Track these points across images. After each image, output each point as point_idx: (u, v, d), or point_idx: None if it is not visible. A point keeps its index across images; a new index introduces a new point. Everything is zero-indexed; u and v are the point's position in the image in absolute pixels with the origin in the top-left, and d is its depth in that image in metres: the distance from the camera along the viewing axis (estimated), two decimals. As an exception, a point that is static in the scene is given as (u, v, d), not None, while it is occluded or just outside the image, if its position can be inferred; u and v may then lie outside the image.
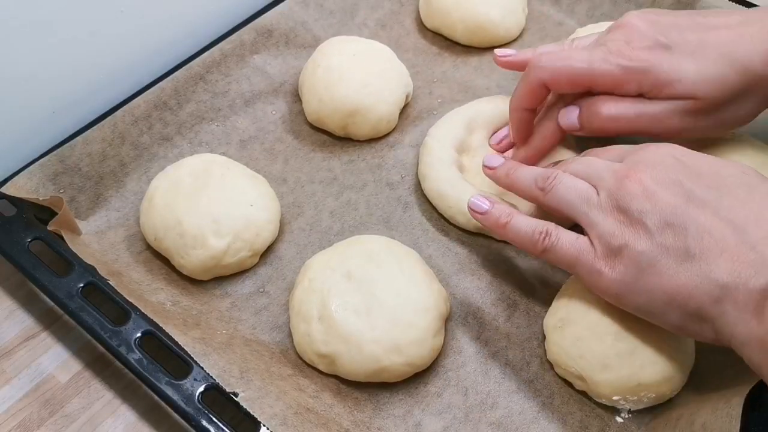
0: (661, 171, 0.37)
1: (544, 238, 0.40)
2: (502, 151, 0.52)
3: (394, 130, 0.57)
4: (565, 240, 0.40)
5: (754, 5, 0.60)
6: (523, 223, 0.42)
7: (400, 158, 0.55)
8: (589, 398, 0.43)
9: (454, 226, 0.51)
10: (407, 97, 0.57)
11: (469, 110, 0.54)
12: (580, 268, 0.39)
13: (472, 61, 0.62)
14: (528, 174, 0.43)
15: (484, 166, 0.47)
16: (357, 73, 0.55)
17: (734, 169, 0.38)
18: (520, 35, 0.64)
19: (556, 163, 0.46)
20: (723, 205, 0.35)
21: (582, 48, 0.47)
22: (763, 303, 0.33)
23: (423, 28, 0.65)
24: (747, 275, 0.33)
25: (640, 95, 0.44)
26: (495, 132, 0.54)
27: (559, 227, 0.41)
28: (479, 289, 0.48)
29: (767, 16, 0.43)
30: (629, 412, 0.42)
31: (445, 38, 0.64)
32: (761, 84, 0.42)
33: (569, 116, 0.47)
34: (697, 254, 0.35)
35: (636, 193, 0.37)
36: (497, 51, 0.52)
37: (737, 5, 0.60)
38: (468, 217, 0.49)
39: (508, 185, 0.45)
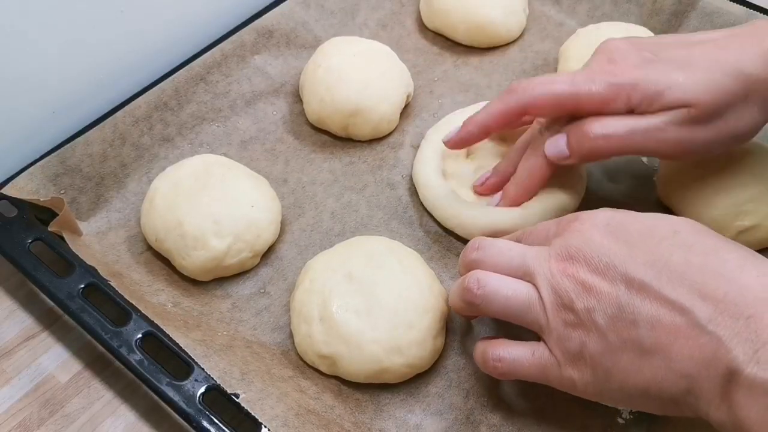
0: (592, 256, 0.35)
1: (498, 365, 0.38)
2: (485, 194, 0.50)
3: (395, 130, 0.57)
4: (524, 359, 0.38)
5: (756, 5, 0.60)
6: (478, 349, 0.40)
7: (401, 159, 0.55)
8: (590, 400, 0.42)
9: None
10: (408, 97, 0.57)
11: (466, 115, 0.54)
12: (552, 382, 0.38)
13: (473, 61, 0.62)
14: (454, 294, 0.40)
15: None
16: (358, 73, 0.55)
17: (665, 228, 0.35)
18: (521, 35, 0.64)
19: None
20: (662, 283, 0.33)
21: (563, 74, 0.45)
22: (727, 388, 0.31)
23: (424, 29, 0.65)
24: (706, 360, 0.31)
25: (630, 112, 0.41)
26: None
27: (509, 344, 0.39)
28: (480, 289, 0.48)
29: (755, 29, 0.41)
30: (630, 412, 0.42)
31: (446, 38, 0.64)
32: (758, 88, 0.40)
33: (557, 144, 0.44)
34: (653, 347, 0.33)
35: (577, 290, 0.35)
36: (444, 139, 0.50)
37: (738, 5, 0.60)
38: (468, 231, 0.49)
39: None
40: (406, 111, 0.58)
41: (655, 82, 0.40)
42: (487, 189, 0.50)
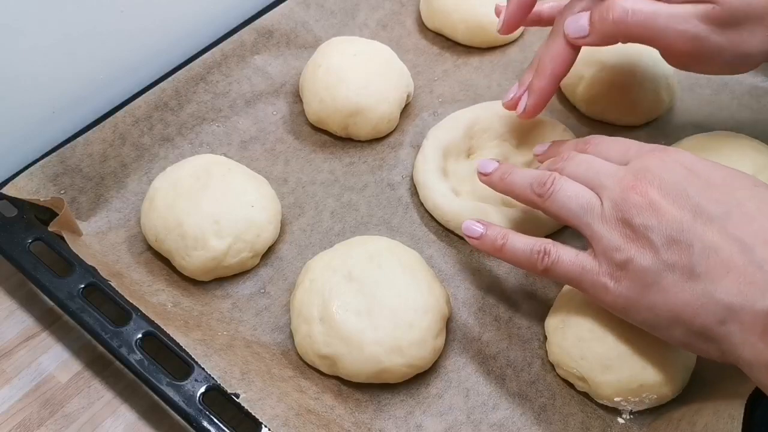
0: (668, 182, 0.36)
1: (543, 257, 0.40)
2: (514, 108, 0.50)
3: (395, 130, 0.57)
4: (566, 258, 0.39)
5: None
6: (520, 243, 0.41)
7: (401, 159, 0.55)
8: (591, 399, 0.43)
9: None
10: (408, 97, 0.57)
11: (469, 114, 0.54)
12: (585, 284, 0.39)
13: (473, 61, 0.62)
14: (524, 178, 0.42)
15: (479, 173, 0.46)
16: (358, 73, 0.55)
17: (746, 180, 0.36)
18: (521, 35, 0.64)
19: (553, 145, 0.46)
20: (731, 221, 0.34)
21: None
22: None
23: (424, 29, 0.65)
24: (754, 296, 0.32)
25: None
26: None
27: (557, 244, 0.40)
28: (480, 289, 0.48)
29: None
30: (631, 413, 0.42)
31: (446, 38, 0.64)
32: None
33: (578, 21, 0.44)
34: (703, 273, 0.34)
35: (641, 206, 0.36)
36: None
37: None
38: None
39: (504, 190, 0.44)
40: (406, 111, 0.58)
41: None
42: (514, 103, 0.50)
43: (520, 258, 0.41)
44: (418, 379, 0.43)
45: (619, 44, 0.46)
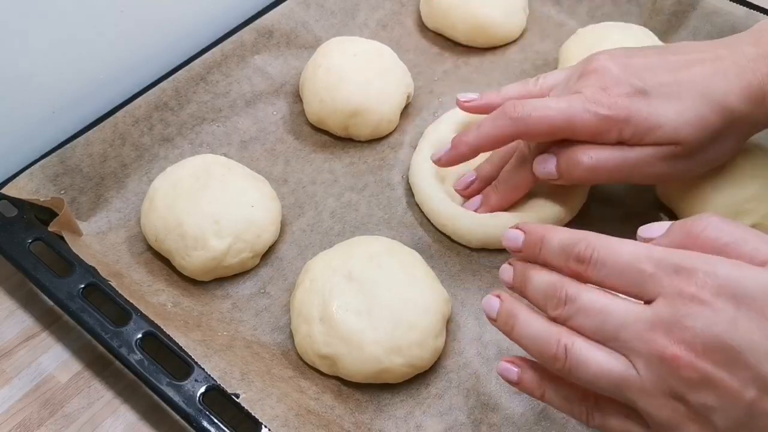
0: (716, 342, 0.28)
1: (587, 416, 0.33)
2: (468, 197, 0.50)
3: (395, 130, 0.57)
4: (615, 426, 0.32)
5: (756, 5, 0.60)
6: (559, 394, 0.34)
7: (401, 159, 0.55)
8: (591, 399, 0.42)
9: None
10: (408, 97, 0.57)
11: (463, 114, 0.54)
12: None
13: (473, 61, 0.62)
14: (530, 339, 0.33)
15: (487, 317, 0.36)
16: (358, 73, 0.55)
17: None
18: (521, 35, 0.64)
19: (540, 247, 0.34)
20: None
21: (557, 97, 0.44)
22: None
23: (424, 29, 0.65)
24: None
25: (620, 143, 0.42)
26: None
27: (601, 401, 0.33)
28: (480, 289, 0.48)
29: (736, 49, 0.42)
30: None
31: (446, 38, 0.64)
32: (739, 122, 0.42)
33: (547, 165, 0.45)
34: None
35: (693, 382, 0.28)
36: (459, 96, 0.49)
37: (739, 5, 0.60)
38: (466, 239, 0.49)
39: (516, 343, 0.35)
40: (406, 111, 0.58)
41: (646, 118, 0.41)
42: (470, 193, 0.50)
43: (559, 408, 0.35)
44: (418, 380, 0.43)
45: (620, 45, 0.46)
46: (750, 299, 0.28)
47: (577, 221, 0.50)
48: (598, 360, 0.31)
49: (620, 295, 0.31)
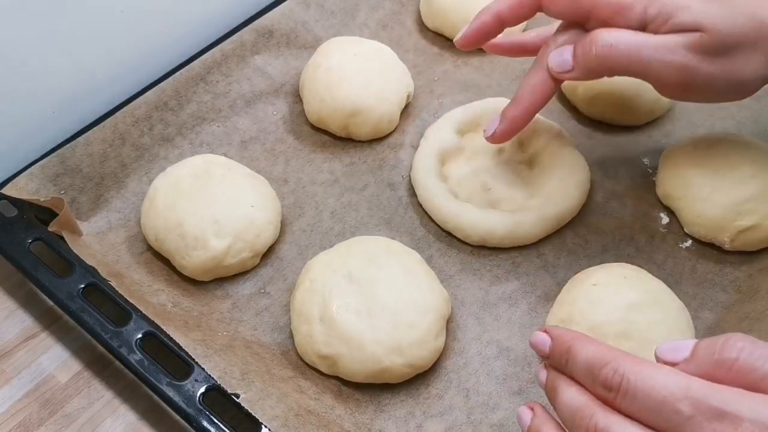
0: None
1: None
2: (496, 142, 0.48)
3: (395, 130, 0.57)
4: None
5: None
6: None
7: (401, 159, 0.55)
8: (591, 399, 0.42)
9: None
10: (408, 96, 0.57)
11: (462, 113, 0.54)
12: None
13: (473, 61, 0.62)
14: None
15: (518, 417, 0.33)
16: (358, 73, 0.55)
17: None
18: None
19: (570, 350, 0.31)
20: None
21: None
22: None
23: (424, 29, 0.65)
24: None
25: (641, 29, 0.40)
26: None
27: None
28: (480, 289, 0.48)
29: None
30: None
31: (446, 38, 0.64)
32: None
33: (562, 54, 0.42)
34: None
35: None
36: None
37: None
38: (466, 233, 0.49)
39: None
40: (406, 111, 0.58)
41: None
42: (496, 137, 0.48)
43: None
44: (418, 379, 0.43)
45: None
46: None
47: (577, 221, 0.50)
48: None
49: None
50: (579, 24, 0.43)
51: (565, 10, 0.43)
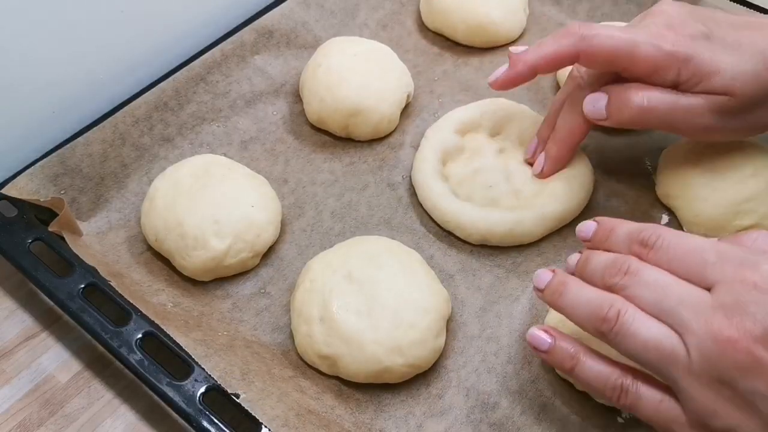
0: None
1: (619, 395, 0.33)
2: (544, 178, 0.50)
3: (395, 130, 0.57)
4: (649, 404, 0.32)
5: (756, 5, 0.60)
6: (594, 369, 0.34)
7: (401, 159, 0.55)
8: (591, 398, 0.42)
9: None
10: (408, 96, 0.57)
11: (463, 113, 0.54)
12: None
13: (473, 61, 0.62)
14: (579, 303, 0.34)
15: (534, 288, 0.38)
16: (358, 73, 0.55)
17: None
18: (521, 36, 0.64)
19: (600, 228, 0.37)
20: None
21: (624, 27, 0.44)
22: None
23: (424, 29, 0.65)
24: None
25: (673, 87, 0.42)
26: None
27: (638, 379, 0.33)
28: (480, 289, 0.48)
29: None
30: (630, 412, 0.42)
31: (446, 38, 0.64)
32: None
33: (596, 104, 0.44)
34: None
35: (745, 366, 0.29)
36: (512, 49, 0.47)
37: (739, 5, 0.60)
38: (467, 232, 0.49)
39: (561, 311, 0.36)
40: (406, 111, 0.58)
41: (708, 62, 0.41)
42: (533, 161, 0.51)
43: (593, 386, 0.35)
44: (418, 379, 0.43)
45: None
46: None
47: (578, 220, 0.50)
48: (650, 329, 0.31)
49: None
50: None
51: (600, 65, 0.44)
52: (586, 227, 0.38)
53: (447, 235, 0.50)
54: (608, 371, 0.34)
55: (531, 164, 0.51)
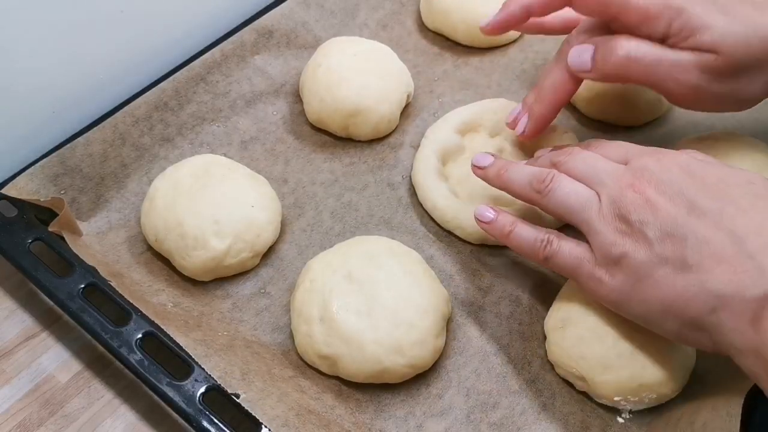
0: (665, 181, 0.37)
1: (545, 246, 0.41)
2: (515, 127, 0.50)
3: (395, 130, 0.57)
4: (566, 249, 0.40)
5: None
6: (525, 232, 0.42)
7: (401, 159, 0.55)
8: (590, 399, 0.43)
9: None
10: (408, 97, 0.57)
11: (463, 113, 0.54)
12: (580, 276, 0.40)
13: (473, 61, 0.62)
14: (522, 174, 0.43)
15: (474, 166, 0.46)
16: (358, 73, 0.55)
17: (741, 177, 0.37)
18: (521, 35, 0.64)
19: (555, 149, 0.45)
20: (724, 214, 0.35)
21: None
22: (759, 313, 0.33)
23: (424, 29, 0.65)
24: (744, 285, 0.33)
25: (662, 41, 0.42)
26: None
27: (561, 235, 0.41)
28: (480, 289, 0.48)
29: None
30: (630, 412, 0.42)
31: (446, 38, 0.64)
32: None
33: (582, 54, 0.44)
34: (695, 265, 0.35)
35: (638, 204, 0.37)
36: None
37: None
38: (467, 231, 0.49)
39: (501, 186, 0.44)
40: (406, 111, 0.58)
41: (700, 17, 0.41)
42: (515, 123, 0.50)
43: (524, 246, 0.42)
44: (418, 379, 0.43)
45: None
46: (692, 168, 0.38)
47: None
48: (574, 187, 0.40)
49: None
50: (604, 21, 0.45)
51: (593, 10, 0.45)
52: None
53: (447, 235, 0.50)
54: (537, 231, 0.42)
55: (510, 128, 0.51)
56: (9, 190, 0.48)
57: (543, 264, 0.42)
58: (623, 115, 0.56)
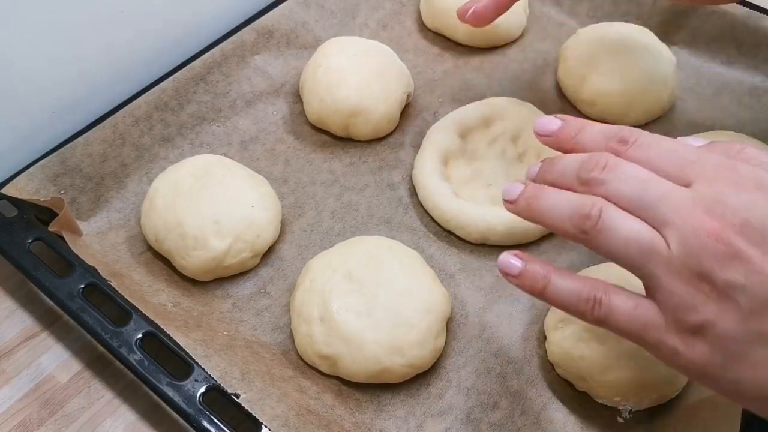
0: (754, 222, 0.28)
1: (593, 307, 0.32)
2: (464, 17, 0.49)
3: (395, 130, 0.57)
4: (623, 309, 0.31)
5: (756, 5, 0.60)
6: (564, 285, 0.33)
7: (401, 159, 0.55)
8: (590, 399, 0.43)
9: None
10: (408, 96, 0.57)
11: (463, 113, 0.54)
12: (647, 345, 0.31)
13: (473, 61, 0.62)
14: (559, 206, 0.32)
15: (504, 201, 0.35)
16: (358, 73, 0.55)
17: None
18: (521, 35, 0.64)
19: (569, 121, 0.35)
20: None
21: None
22: None
23: (424, 29, 0.65)
24: None
25: None
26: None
27: (610, 287, 0.32)
28: (480, 289, 0.48)
29: None
30: (630, 412, 0.42)
31: (446, 38, 0.64)
32: None
33: None
34: None
35: (724, 257, 0.28)
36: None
37: (737, 4, 0.60)
38: (467, 231, 0.49)
39: (535, 220, 0.34)
40: (406, 111, 0.58)
41: None
42: (464, 11, 0.49)
43: (566, 305, 0.33)
44: (418, 379, 0.43)
45: (620, 44, 0.46)
46: None
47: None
48: (630, 225, 0.30)
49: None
50: None
51: None
52: (549, 121, 0.34)
53: (447, 234, 0.50)
54: (580, 285, 0.32)
55: (460, 18, 0.49)
56: (9, 190, 0.48)
57: (595, 325, 0.33)
58: (623, 115, 0.56)
